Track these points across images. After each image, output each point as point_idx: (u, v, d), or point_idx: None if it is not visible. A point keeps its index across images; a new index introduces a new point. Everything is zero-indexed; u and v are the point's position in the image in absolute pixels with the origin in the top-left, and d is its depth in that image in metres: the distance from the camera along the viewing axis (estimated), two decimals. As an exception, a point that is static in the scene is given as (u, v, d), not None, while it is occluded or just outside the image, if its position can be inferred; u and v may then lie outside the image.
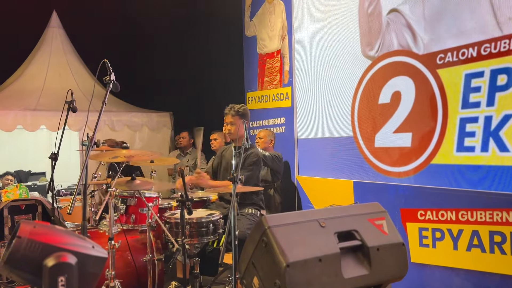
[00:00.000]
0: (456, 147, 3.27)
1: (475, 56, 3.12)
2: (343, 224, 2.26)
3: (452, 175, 3.29)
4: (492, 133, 3.03)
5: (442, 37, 3.36)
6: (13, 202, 3.69)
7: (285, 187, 4.91)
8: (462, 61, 3.22)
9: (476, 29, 3.12)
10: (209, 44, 6.66)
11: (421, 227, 3.42)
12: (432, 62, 3.42)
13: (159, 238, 3.54)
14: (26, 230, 1.71)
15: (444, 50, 3.34)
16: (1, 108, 5.81)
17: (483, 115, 3.08)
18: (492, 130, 3.03)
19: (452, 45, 3.29)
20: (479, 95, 3.10)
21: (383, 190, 3.77)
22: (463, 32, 3.21)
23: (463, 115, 3.22)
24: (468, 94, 3.19)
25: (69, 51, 6.91)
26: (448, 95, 3.31)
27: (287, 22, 5.11)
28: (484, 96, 3.08)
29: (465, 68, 3.20)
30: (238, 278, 2.34)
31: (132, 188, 3.29)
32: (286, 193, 4.87)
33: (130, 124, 6.65)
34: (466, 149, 3.21)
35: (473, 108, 3.15)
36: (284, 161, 4.84)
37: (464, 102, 3.21)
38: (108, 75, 2.51)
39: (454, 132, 3.28)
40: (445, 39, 3.34)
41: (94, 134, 2.33)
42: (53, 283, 1.66)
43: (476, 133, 3.14)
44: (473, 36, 3.14)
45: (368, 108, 3.99)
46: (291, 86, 5.06)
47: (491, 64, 3.03)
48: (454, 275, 3.22)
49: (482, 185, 3.08)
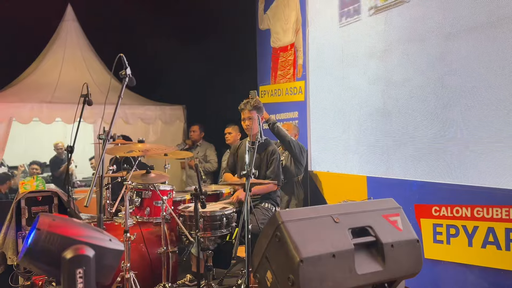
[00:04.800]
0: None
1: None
2: (357, 220, 2.25)
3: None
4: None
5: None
6: (30, 193, 3.75)
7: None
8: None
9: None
10: (222, 37, 6.65)
11: (436, 223, 3.39)
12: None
13: (173, 230, 3.58)
14: (45, 222, 1.74)
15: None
16: (18, 100, 5.90)
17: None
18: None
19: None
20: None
21: (397, 185, 3.74)
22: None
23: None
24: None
25: (83, 44, 6.96)
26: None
27: (302, 15, 5.08)
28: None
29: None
30: (251, 272, 2.36)
31: (147, 181, 3.32)
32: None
33: (144, 117, 6.70)
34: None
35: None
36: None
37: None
38: (124, 69, 2.52)
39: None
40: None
41: (111, 127, 2.35)
42: (72, 275, 1.69)
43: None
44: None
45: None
46: (304, 80, 5.04)
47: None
48: (468, 272, 3.20)
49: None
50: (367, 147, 4.15)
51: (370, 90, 4.11)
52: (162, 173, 3.54)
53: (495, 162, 3.06)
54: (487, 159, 3.12)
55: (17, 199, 3.74)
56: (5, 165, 7.64)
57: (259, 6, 5.88)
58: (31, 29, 6.76)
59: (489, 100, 3.08)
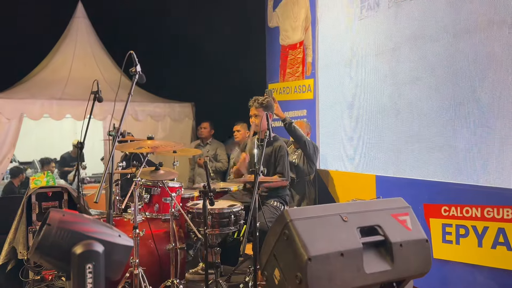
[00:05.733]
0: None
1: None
2: (366, 219, 2.25)
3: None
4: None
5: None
6: (40, 189, 3.80)
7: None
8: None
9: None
10: (232, 35, 6.65)
11: (445, 223, 3.37)
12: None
13: (181, 227, 3.60)
14: (56, 218, 1.77)
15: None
16: (28, 97, 5.95)
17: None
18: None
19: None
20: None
21: (406, 184, 3.72)
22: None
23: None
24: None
25: (94, 41, 7.01)
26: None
27: (311, 13, 5.06)
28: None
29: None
30: (259, 269, 2.36)
31: (156, 178, 3.34)
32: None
33: (153, 114, 6.74)
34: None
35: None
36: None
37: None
38: (134, 66, 2.54)
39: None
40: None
41: (121, 124, 2.37)
42: (81, 270, 1.71)
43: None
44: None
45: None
46: (313, 78, 5.02)
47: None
48: (478, 273, 3.17)
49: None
50: (376, 145, 4.12)
51: (379, 88, 4.08)
52: (171, 170, 3.55)
53: (506, 162, 3.03)
54: (498, 159, 3.08)
55: (28, 194, 3.79)
56: (16, 160, 7.75)
57: (268, 3, 5.87)
58: (42, 27, 6.81)
59: (500, 99, 3.05)
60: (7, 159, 5.84)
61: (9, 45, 6.72)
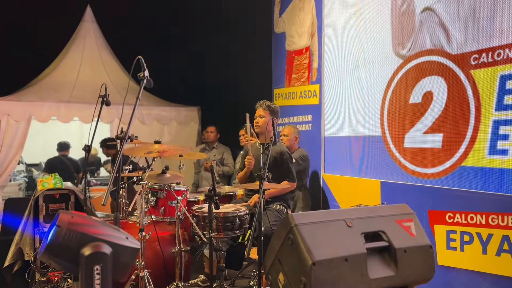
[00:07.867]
0: (488, 150, 3.20)
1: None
2: (370, 225, 2.26)
3: (483, 178, 3.23)
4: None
5: (476, 37, 3.28)
6: (48, 191, 3.84)
7: (311, 185, 4.91)
8: (497, 62, 3.14)
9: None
10: (238, 40, 6.69)
11: (449, 230, 3.37)
12: (465, 62, 3.35)
13: (186, 230, 3.62)
14: (65, 220, 1.80)
15: (478, 50, 3.27)
16: (37, 99, 6.03)
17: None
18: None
19: (487, 46, 3.21)
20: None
21: (411, 191, 3.73)
22: (499, 32, 3.13)
23: (497, 118, 3.14)
24: (502, 96, 3.11)
25: (102, 45, 7.08)
26: (482, 96, 3.24)
27: (317, 19, 5.09)
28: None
29: (501, 69, 3.12)
30: (264, 273, 2.38)
31: (163, 182, 3.37)
32: (312, 191, 4.86)
33: (159, 118, 6.79)
34: (499, 152, 3.14)
35: (507, 110, 3.08)
36: (310, 159, 4.82)
37: (498, 104, 3.13)
38: (142, 71, 2.57)
39: (486, 135, 3.21)
40: (480, 39, 3.26)
41: (129, 128, 2.40)
42: (89, 271, 1.74)
43: (510, 136, 3.06)
44: (510, 36, 3.06)
45: (398, 108, 3.94)
46: (319, 83, 5.04)
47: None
48: (482, 280, 3.17)
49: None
50: (381, 151, 4.13)
51: (385, 95, 4.10)
52: (177, 174, 3.58)
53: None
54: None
55: (35, 196, 3.83)
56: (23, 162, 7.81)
57: (275, 9, 5.91)
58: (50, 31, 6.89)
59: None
60: (15, 161, 5.91)
61: (18, 49, 6.80)
